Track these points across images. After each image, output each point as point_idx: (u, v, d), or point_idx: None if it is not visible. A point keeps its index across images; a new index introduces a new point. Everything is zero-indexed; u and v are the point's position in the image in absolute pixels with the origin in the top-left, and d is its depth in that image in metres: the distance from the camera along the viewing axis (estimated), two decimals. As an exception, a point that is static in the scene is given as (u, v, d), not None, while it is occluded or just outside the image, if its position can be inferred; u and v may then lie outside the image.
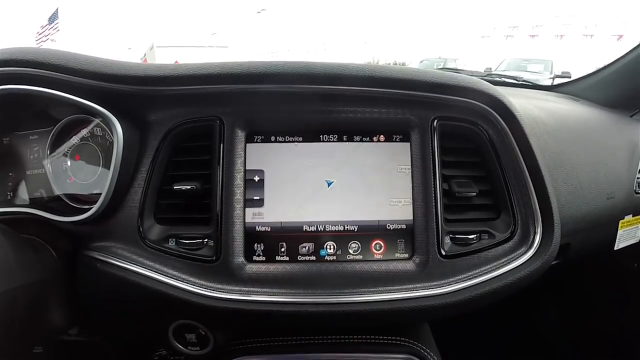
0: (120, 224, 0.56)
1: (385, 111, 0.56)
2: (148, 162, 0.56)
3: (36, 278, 0.50)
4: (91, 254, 0.56)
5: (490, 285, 0.54)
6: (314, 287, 0.53)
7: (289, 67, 0.52)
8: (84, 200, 0.60)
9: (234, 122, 0.55)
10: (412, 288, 0.53)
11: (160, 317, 0.60)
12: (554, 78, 2.33)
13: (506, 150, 0.57)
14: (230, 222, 0.54)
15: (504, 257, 0.56)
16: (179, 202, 0.57)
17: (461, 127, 0.58)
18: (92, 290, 0.58)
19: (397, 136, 0.57)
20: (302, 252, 0.55)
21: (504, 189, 0.57)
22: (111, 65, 0.53)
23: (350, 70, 0.53)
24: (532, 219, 0.57)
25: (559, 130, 0.72)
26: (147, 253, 0.56)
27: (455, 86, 0.55)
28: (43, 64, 0.51)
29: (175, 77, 0.53)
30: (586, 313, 1.16)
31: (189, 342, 0.61)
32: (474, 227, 0.57)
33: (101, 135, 0.60)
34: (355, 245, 0.55)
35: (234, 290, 0.53)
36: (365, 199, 0.55)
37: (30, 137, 0.61)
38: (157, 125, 0.57)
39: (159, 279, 0.54)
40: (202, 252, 0.55)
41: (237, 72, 0.52)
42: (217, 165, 0.55)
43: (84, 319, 0.61)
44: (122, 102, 0.55)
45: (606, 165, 0.78)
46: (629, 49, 0.98)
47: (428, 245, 0.54)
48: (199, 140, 0.57)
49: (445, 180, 0.57)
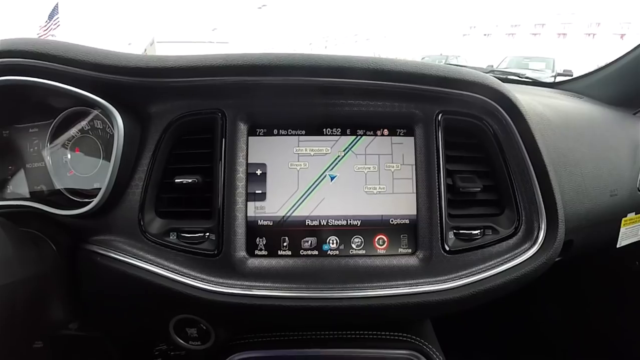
0: (120, 217, 0.56)
1: (390, 105, 0.56)
2: (149, 155, 0.56)
3: (36, 272, 0.50)
4: (91, 248, 0.56)
5: (494, 281, 0.54)
6: (317, 282, 0.53)
7: (292, 60, 0.51)
8: (84, 194, 0.59)
9: (236, 115, 0.55)
10: (415, 283, 0.53)
11: (161, 312, 0.60)
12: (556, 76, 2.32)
13: (511, 146, 0.57)
14: (232, 216, 0.53)
15: (507, 253, 0.56)
16: (180, 196, 0.56)
17: (466, 121, 0.57)
18: (92, 284, 0.58)
19: (401, 130, 0.56)
20: (304, 247, 0.54)
21: (508, 184, 0.57)
22: (112, 56, 0.52)
23: (354, 63, 0.52)
24: (536, 215, 0.56)
25: (563, 127, 0.72)
26: (148, 247, 0.55)
27: (461, 80, 0.54)
28: (42, 55, 0.50)
29: (177, 68, 0.52)
30: (587, 311, 1.16)
31: (190, 336, 0.60)
32: (477, 223, 0.56)
33: (101, 127, 0.59)
34: (358, 240, 0.55)
35: (235, 284, 0.53)
36: (368, 194, 0.55)
37: (30, 130, 0.61)
38: (158, 117, 0.56)
39: (160, 273, 0.53)
40: (204, 246, 0.54)
41: (240, 64, 0.51)
42: (219, 159, 0.54)
43: (84, 313, 0.61)
44: (123, 94, 0.54)
45: (610, 163, 0.78)
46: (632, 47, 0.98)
47: (432, 241, 0.54)
48: (201, 133, 0.56)
49: (449, 175, 0.56)
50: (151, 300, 0.57)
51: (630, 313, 1.07)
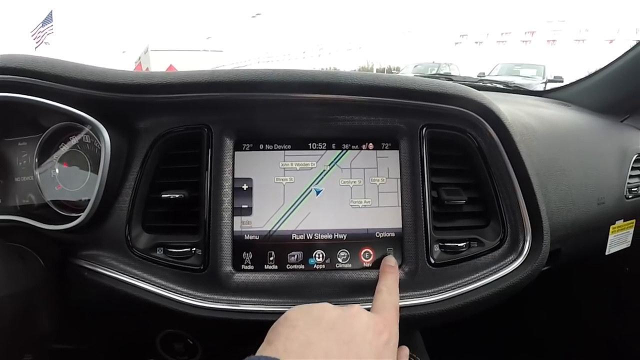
0: (108, 232, 0.56)
1: (375, 119, 0.56)
2: (136, 170, 0.56)
3: (24, 286, 0.50)
4: (79, 263, 0.56)
5: (480, 293, 0.54)
6: (303, 296, 0.52)
7: (277, 76, 0.52)
8: (72, 208, 0.59)
9: (222, 130, 0.55)
10: (401, 297, 0.53)
11: (148, 327, 0.60)
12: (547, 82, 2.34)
13: (495, 158, 0.57)
14: (218, 230, 0.53)
15: (493, 264, 0.56)
16: (167, 211, 0.56)
17: (450, 134, 0.58)
18: (80, 298, 0.57)
19: (386, 144, 0.57)
20: (290, 261, 0.54)
21: (493, 196, 0.57)
22: (100, 73, 0.53)
23: (339, 79, 0.52)
24: (521, 227, 0.57)
25: (549, 136, 0.73)
26: (135, 262, 0.55)
27: (443, 94, 0.55)
28: (30, 72, 0.51)
29: (164, 85, 0.52)
30: (578, 316, 1.17)
31: (177, 351, 0.60)
32: (463, 235, 0.57)
33: (89, 142, 0.59)
34: (344, 253, 0.55)
35: (222, 299, 0.53)
36: (354, 207, 0.55)
37: (19, 143, 0.61)
38: (145, 132, 0.56)
39: (147, 288, 0.53)
40: (190, 261, 0.54)
41: (227, 80, 0.52)
42: (205, 173, 0.54)
43: (74, 327, 0.60)
44: (111, 110, 0.54)
45: (597, 171, 0.79)
46: (620, 54, 0.99)
47: (417, 254, 0.54)
48: (187, 148, 0.56)
49: (434, 188, 0.56)
50: (138, 315, 0.57)
51: (621, 317, 1.07)
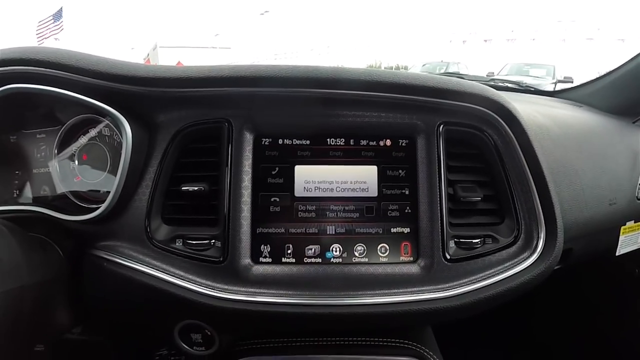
0: (127, 223, 0.57)
1: (392, 116, 0.57)
2: (156, 163, 0.57)
3: (43, 276, 0.50)
4: (98, 253, 0.57)
5: (494, 289, 0.55)
6: (320, 289, 0.53)
7: (296, 71, 0.53)
8: (90, 200, 0.60)
9: (242, 124, 0.56)
10: (416, 291, 0.54)
11: (167, 317, 0.60)
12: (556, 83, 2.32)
13: (510, 156, 0.58)
14: (237, 223, 0.54)
15: (507, 261, 0.57)
16: (187, 203, 0.57)
17: (466, 132, 0.58)
18: (98, 289, 0.58)
19: (403, 141, 0.57)
20: (308, 254, 0.55)
21: (508, 194, 0.58)
22: (121, 66, 0.54)
23: (352, 75, 0.53)
24: (535, 224, 0.57)
25: (562, 136, 0.73)
26: (154, 253, 0.56)
27: (460, 92, 0.55)
28: (54, 64, 0.52)
29: (186, 79, 0.53)
30: (586, 316, 1.17)
31: (195, 342, 0.61)
32: (478, 232, 0.57)
33: (109, 135, 0.60)
34: (361, 247, 0.56)
35: (240, 291, 0.54)
36: (371, 202, 0.56)
37: (38, 135, 0.62)
38: (165, 126, 0.57)
39: (166, 279, 0.54)
40: (209, 252, 0.55)
41: (248, 75, 0.53)
42: (225, 167, 0.55)
43: (89, 318, 0.61)
44: (132, 103, 0.55)
45: (609, 172, 0.78)
46: (632, 55, 0.99)
47: (433, 249, 0.55)
48: (207, 142, 0.57)
49: (450, 185, 0.57)
50: (156, 305, 0.58)
51: (629, 319, 1.07)
